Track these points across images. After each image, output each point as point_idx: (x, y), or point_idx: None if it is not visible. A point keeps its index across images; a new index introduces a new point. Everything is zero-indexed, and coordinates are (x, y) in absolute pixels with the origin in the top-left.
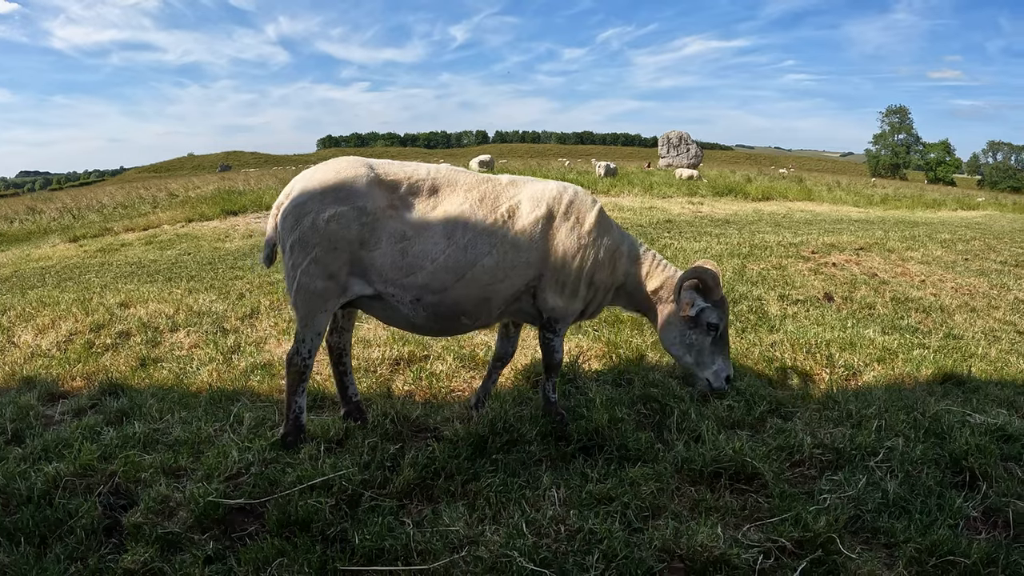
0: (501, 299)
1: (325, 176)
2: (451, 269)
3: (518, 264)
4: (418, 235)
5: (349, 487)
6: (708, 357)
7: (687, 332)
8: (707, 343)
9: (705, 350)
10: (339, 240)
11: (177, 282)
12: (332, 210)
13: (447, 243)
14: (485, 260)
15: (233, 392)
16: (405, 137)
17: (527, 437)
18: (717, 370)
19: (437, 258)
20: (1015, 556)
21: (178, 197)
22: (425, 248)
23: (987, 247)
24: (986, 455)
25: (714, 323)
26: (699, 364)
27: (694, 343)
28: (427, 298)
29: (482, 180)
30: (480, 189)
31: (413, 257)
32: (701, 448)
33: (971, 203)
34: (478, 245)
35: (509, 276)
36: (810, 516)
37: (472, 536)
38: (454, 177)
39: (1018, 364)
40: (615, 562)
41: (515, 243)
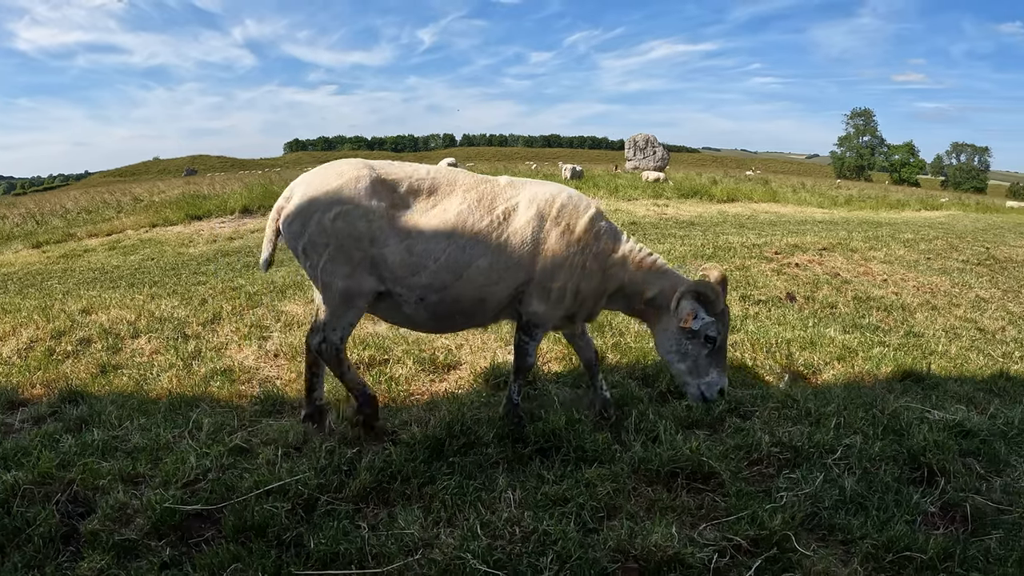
0: (496, 300)
1: (327, 177)
2: (450, 268)
3: (510, 267)
4: (421, 234)
5: (305, 492)
6: (703, 368)
7: (684, 342)
8: (703, 354)
9: (701, 360)
10: (347, 237)
11: (140, 288)
12: (337, 209)
13: (448, 242)
14: (480, 261)
15: (193, 398)
16: (372, 141)
17: (484, 440)
18: (711, 381)
19: (439, 257)
20: (972, 550)
21: (143, 202)
22: (428, 247)
23: (949, 246)
24: (944, 451)
25: (712, 336)
26: (693, 373)
27: (690, 353)
28: (430, 297)
29: (480, 181)
30: (478, 190)
31: (418, 256)
32: (658, 448)
33: (934, 203)
34: (475, 246)
35: (503, 278)
36: (766, 514)
37: (427, 539)
38: (453, 177)
39: (978, 361)
40: (569, 563)
41: (508, 245)
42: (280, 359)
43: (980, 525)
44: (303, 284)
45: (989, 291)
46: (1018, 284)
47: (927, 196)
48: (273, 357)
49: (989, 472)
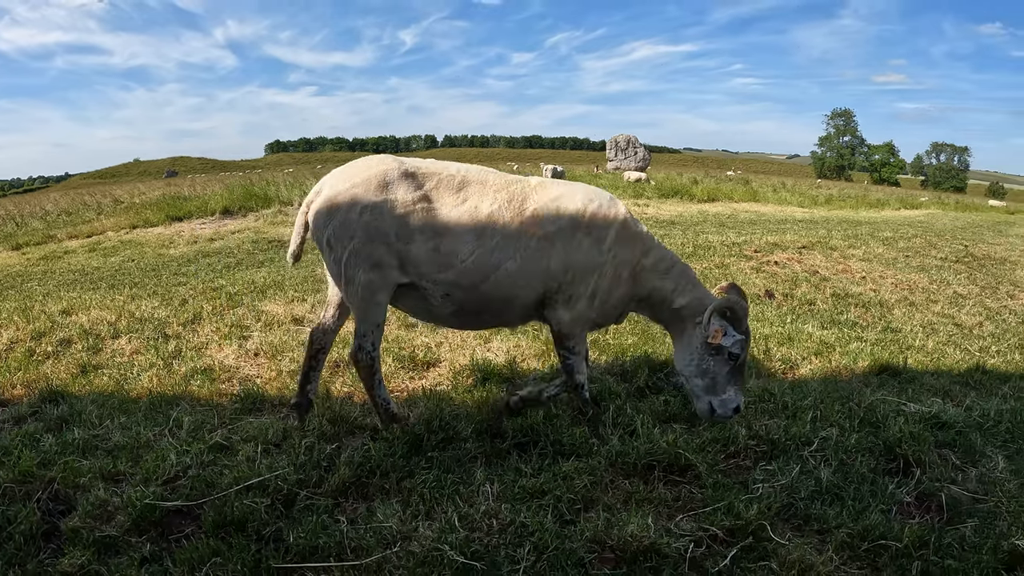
0: (523, 304)
1: (356, 172)
2: (478, 270)
3: (537, 272)
4: (449, 232)
5: (285, 487)
6: (721, 385)
7: (706, 358)
8: (724, 371)
9: (720, 378)
10: (375, 232)
11: (120, 289)
12: (364, 203)
13: (476, 243)
14: (508, 264)
15: (173, 397)
16: (354, 142)
17: (462, 435)
18: (726, 399)
19: (466, 258)
20: (947, 538)
21: (123, 203)
22: (456, 246)
23: (928, 244)
24: (920, 442)
25: (736, 353)
26: (709, 390)
27: (710, 370)
28: (456, 294)
29: (511, 181)
30: (509, 190)
31: (444, 254)
32: (635, 442)
33: (914, 203)
34: (504, 248)
35: (530, 283)
36: (742, 505)
37: (405, 532)
38: (483, 176)
39: (955, 355)
40: (546, 554)
41: (537, 250)
42: (260, 358)
43: (955, 514)
44: (283, 284)
45: (967, 287)
46: (996, 280)
47: (907, 195)
48: (253, 356)
49: (965, 463)
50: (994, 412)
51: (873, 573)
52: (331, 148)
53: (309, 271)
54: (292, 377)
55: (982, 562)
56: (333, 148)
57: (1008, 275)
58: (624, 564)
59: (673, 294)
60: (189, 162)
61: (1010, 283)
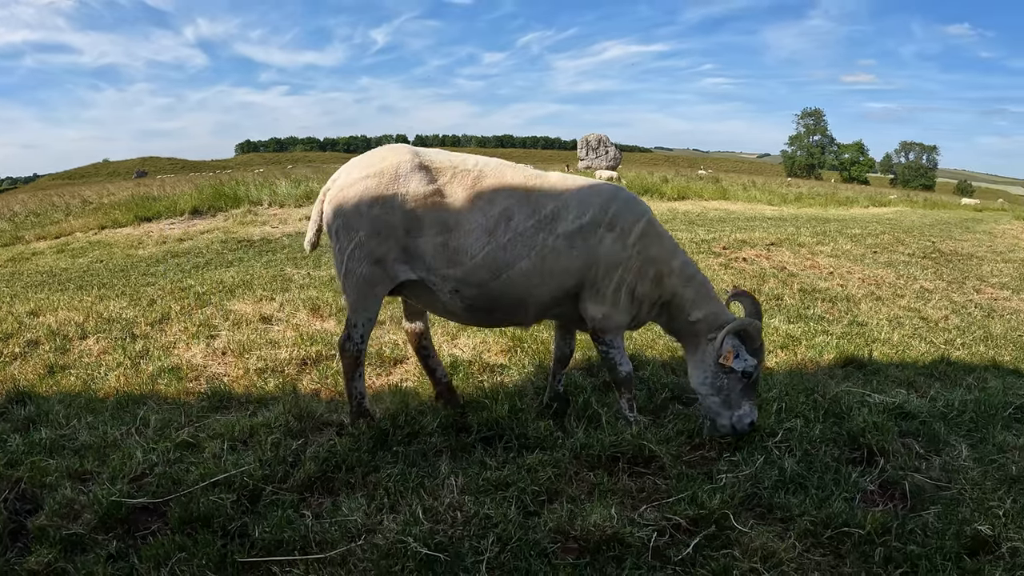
0: (538, 302)
1: (370, 163)
2: (489, 267)
3: (556, 270)
4: (460, 227)
5: (250, 483)
6: (736, 401)
7: (720, 375)
8: (738, 388)
9: (735, 395)
10: (383, 225)
11: (88, 290)
12: (375, 195)
13: (488, 239)
14: (523, 263)
15: (140, 396)
16: (325, 142)
17: (428, 429)
18: (742, 415)
19: (477, 254)
20: (910, 525)
21: (92, 204)
22: (467, 242)
23: (896, 240)
24: (884, 432)
25: (749, 372)
26: (724, 406)
27: (724, 387)
28: (465, 291)
29: (530, 176)
30: (527, 186)
31: (453, 250)
32: (600, 434)
33: (883, 200)
34: (517, 246)
35: (547, 282)
36: (706, 495)
37: (370, 525)
38: (501, 171)
39: (920, 347)
40: (509, 545)
41: (555, 249)
42: (228, 356)
43: (919, 501)
44: (252, 283)
45: (934, 282)
46: (962, 275)
47: (876, 193)
48: (221, 355)
49: (929, 451)
50: (958, 402)
51: (836, 560)
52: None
53: (278, 270)
54: (259, 375)
55: (945, 547)
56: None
57: (975, 270)
58: (587, 554)
59: (692, 305)
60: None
61: (976, 278)
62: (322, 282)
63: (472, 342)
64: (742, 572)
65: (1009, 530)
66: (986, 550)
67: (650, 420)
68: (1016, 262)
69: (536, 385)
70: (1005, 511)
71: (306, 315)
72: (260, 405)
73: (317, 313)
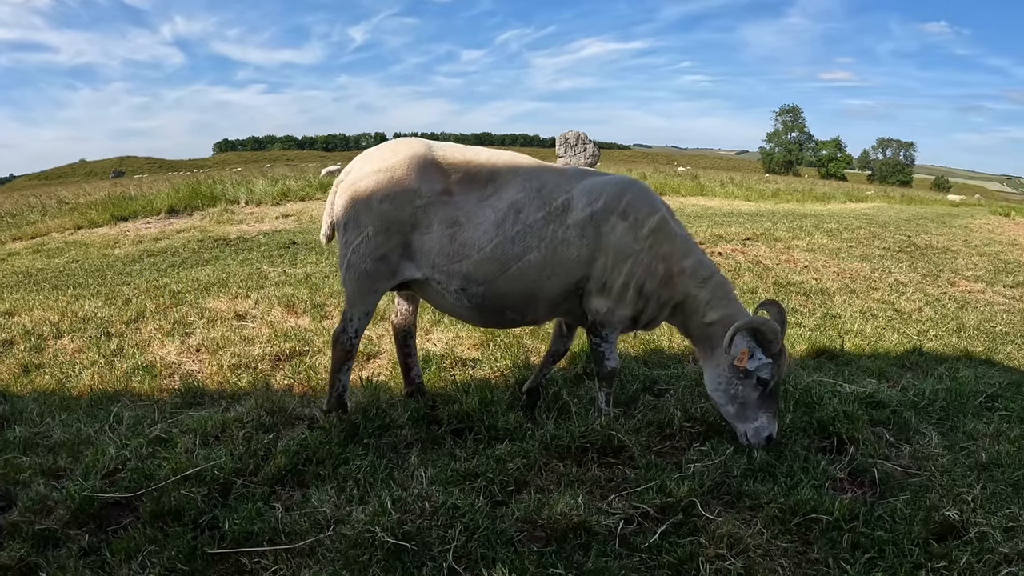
0: (548, 297)
1: (383, 157)
2: (497, 260)
3: (567, 261)
4: (469, 221)
5: (221, 476)
6: (752, 412)
7: (734, 382)
8: (753, 397)
9: (750, 404)
10: (391, 222)
11: (64, 290)
12: (385, 191)
13: (496, 232)
14: (532, 255)
15: (114, 394)
16: (303, 140)
17: (399, 422)
18: (759, 427)
19: (484, 247)
20: (879, 511)
21: (68, 204)
22: (474, 236)
23: (872, 235)
24: (854, 421)
25: (765, 379)
26: (740, 417)
27: (739, 395)
28: (472, 288)
29: (544, 169)
30: (541, 179)
31: (460, 244)
32: (570, 425)
33: (860, 196)
34: (527, 238)
35: (557, 273)
36: (674, 483)
37: (339, 516)
38: (515, 164)
39: (892, 338)
40: (477, 534)
41: (565, 239)
42: (202, 353)
43: (888, 488)
44: (227, 281)
45: (908, 275)
46: (937, 269)
47: (853, 189)
48: (195, 352)
49: (899, 440)
50: (929, 391)
51: (804, 546)
52: (280, 147)
53: (254, 268)
54: (233, 371)
55: (912, 533)
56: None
57: (950, 263)
58: (554, 542)
59: (707, 307)
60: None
61: (951, 271)
62: (297, 280)
63: (445, 336)
64: (708, 558)
65: (978, 515)
66: (954, 535)
67: (621, 411)
68: (991, 255)
69: (508, 378)
70: (974, 497)
71: (281, 312)
72: (233, 401)
73: (292, 310)
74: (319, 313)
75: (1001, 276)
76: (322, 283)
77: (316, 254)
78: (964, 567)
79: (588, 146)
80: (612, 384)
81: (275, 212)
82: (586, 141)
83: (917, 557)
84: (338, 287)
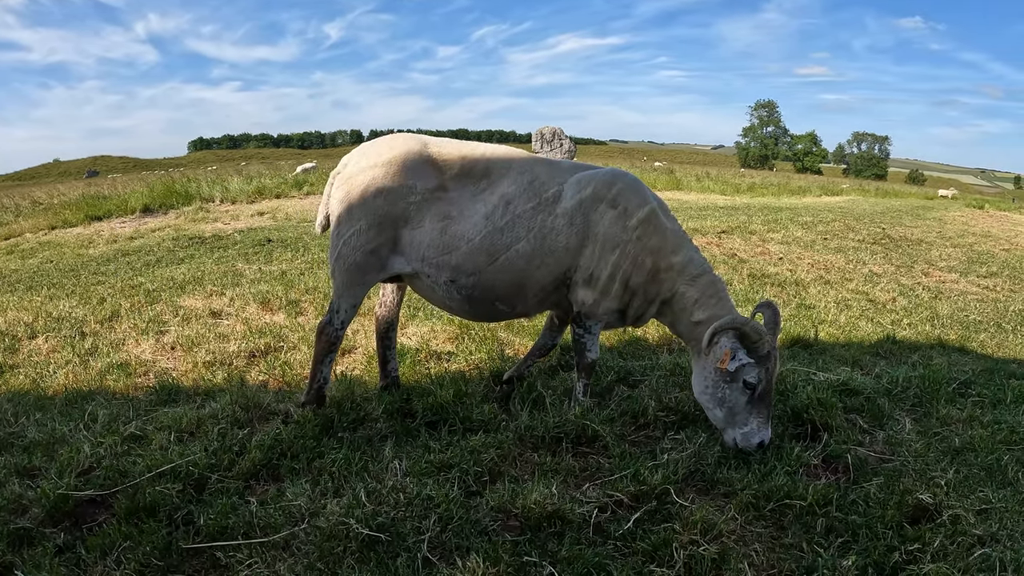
0: (537, 287)
1: (379, 151)
2: (486, 251)
3: (556, 250)
4: (461, 215)
5: (196, 472)
6: (741, 417)
7: (720, 385)
8: (741, 402)
9: (739, 409)
10: (384, 216)
11: (38, 290)
12: (379, 186)
13: (485, 223)
14: (520, 245)
15: (89, 392)
16: (279, 138)
17: (373, 415)
18: (748, 432)
19: (473, 239)
20: (852, 496)
21: (42, 205)
22: (464, 228)
23: (847, 227)
24: (827, 408)
25: (752, 382)
26: (728, 422)
27: (726, 399)
28: (461, 280)
29: (538, 163)
30: (533, 171)
31: (450, 237)
32: (544, 416)
33: (835, 189)
34: (516, 228)
35: (545, 263)
36: (648, 472)
37: (313, 509)
38: (510, 158)
39: (866, 328)
40: (451, 524)
41: (553, 228)
42: (177, 351)
43: (862, 473)
44: (203, 279)
45: (883, 267)
46: (911, 260)
47: (829, 183)
48: (170, 350)
49: (872, 426)
50: (903, 378)
51: (778, 531)
52: (255, 144)
53: (229, 266)
54: (208, 368)
55: (886, 516)
56: (257, 144)
57: (924, 255)
58: (528, 531)
59: (695, 305)
60: (111, 161)
61: (925, 262)
62: (273, 276)
63: (420, 330)
64: (682, 544)
65: (951, 498)
66: (927, 518)
67: (595, 402)
68: (964, 247)
69: (482, 371)
70: (947, 481)
71: (256, 309)
72: (208, 397)
73: (267, 307)
74: (294, 309)
75: (975, 267)
76: (297, 280)
77: (291, 251)
78: (937, 549)
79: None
80: (591, 376)
81: (250, 210)
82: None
83: (891, 540)
84: (313, 283)
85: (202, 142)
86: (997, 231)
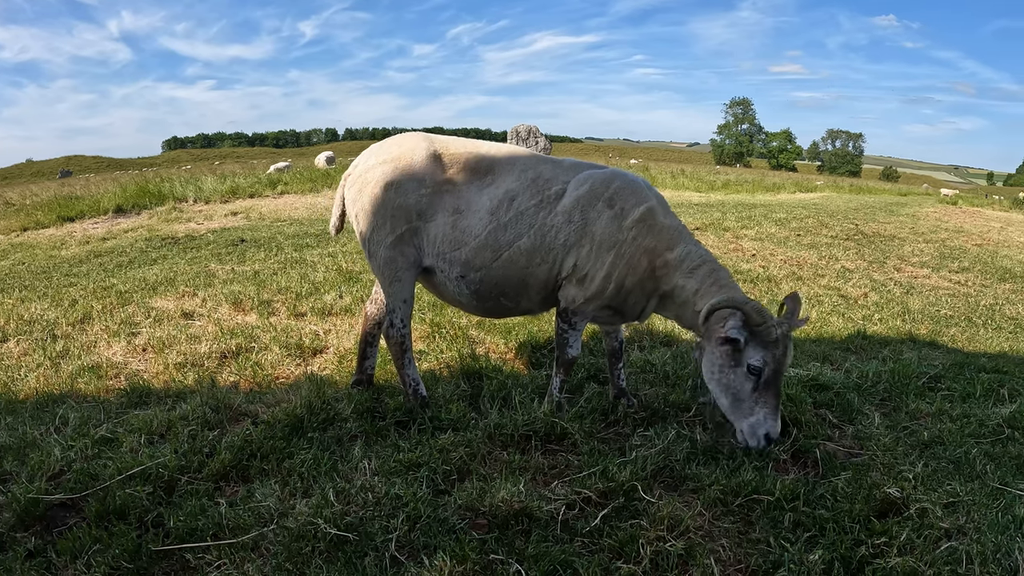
0: (539, 284)
1: (388, 149)
2: (490, 247)
3: (555, 247)
4: (468, 209)
5: (166, 474)
6: (747, 405)
7: (725, 370)
8: (747, 388)
9: (744, 396)
10: (398, 208)
11: (9, 293)
12: (390, 181)
13: (490, 219)
14: (522, 241)
15: (60, 395)
16: (254, 137)
17: (343, 415)
18: (754, 423)
19: (479, 234)
20: (820, 490)
21: (14, 206)
22: (471, 222)
23: (820, 224)
24: (797, 403)
25: (756, 366)
26: (734, 411)
27: (731, 385)
28: (470, 275)
29: (541, 160)
30: (536, 169)
31: (459, 231)
32: (514, 413)
33: (809, 186)
34: (518, 224)
35: (546, 260)
36: (616, 468)
37: (282, 509)
38: (514, 156)
39: (837, 323)
40: (419, 523)
41: (553, 225)
42: (148, 352)
43: (830, 468)
44: (175, 280)
45: (855, 263)
46: (884, 256)
47: (803, 180)
48: (141, 351)
49: (842, 421)
50: (872, 373)
51: (745, 526)
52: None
53: (202, 267)
54: (179, 369)
55: (854, 510)
56: (232, 143)
57: (896, 250)
58: (496, 528)
59: (696, 296)
60: (84, 161)
61: (898, 258)
62: (245, 277)
63: None
64: (649, 540)
65: (918, 492)
66: (895, 512)
67: (566, 399)
68: (937, 242)
69: (453, 369)
70: (915, 474)
71: (228, 309)
72: (179, 399)
73: (239, 307)
74: (266, 309)
75: (947, 262)
76: (270, 280)
77: (264, 251)
78: (904, 542)
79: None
80: (569, 372)
81: (224, 209)
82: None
83: (858, 534)
84: (285, 283)
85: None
86: (970, 226)
